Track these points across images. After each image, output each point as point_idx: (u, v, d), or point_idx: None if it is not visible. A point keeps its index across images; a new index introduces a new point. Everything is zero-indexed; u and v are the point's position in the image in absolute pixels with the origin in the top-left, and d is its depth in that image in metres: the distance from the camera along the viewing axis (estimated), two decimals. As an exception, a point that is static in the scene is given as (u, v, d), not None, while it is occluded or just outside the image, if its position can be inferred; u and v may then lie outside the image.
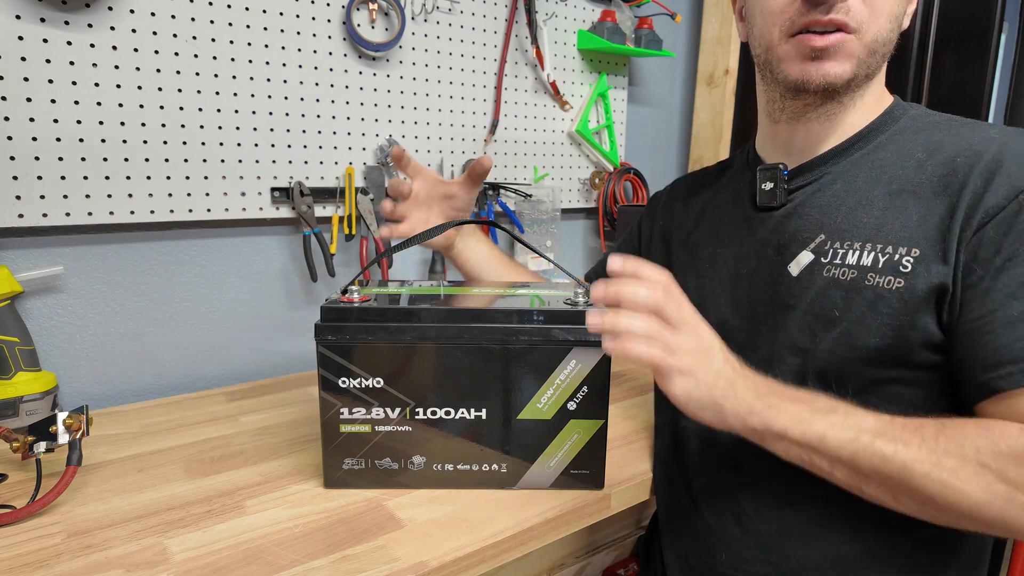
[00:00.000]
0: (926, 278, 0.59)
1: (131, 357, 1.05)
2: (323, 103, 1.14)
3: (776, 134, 0.73)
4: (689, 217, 0.85)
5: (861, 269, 0.62)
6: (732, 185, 0.80)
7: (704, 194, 0.84)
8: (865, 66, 0.64)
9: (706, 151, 1.64)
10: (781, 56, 0.66)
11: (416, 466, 0.74)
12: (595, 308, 0.63)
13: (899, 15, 0.64)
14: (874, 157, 0.67)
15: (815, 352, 0.65)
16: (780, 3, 0.64)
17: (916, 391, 0.62)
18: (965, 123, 0.65)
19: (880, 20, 0.62)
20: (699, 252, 0.80)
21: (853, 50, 0.62)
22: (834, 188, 0.68)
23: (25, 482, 0.74)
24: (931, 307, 0.59)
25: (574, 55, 1.46)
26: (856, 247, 0.63)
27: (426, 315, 0.70)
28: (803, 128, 0.70)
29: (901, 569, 0.64)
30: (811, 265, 0.66)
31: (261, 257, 1.15)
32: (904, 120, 0.68)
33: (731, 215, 0.77)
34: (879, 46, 0.63)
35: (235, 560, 0.61)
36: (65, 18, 0.90)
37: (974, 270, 0.57)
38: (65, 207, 0.94)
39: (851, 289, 0.62)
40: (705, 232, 0.81)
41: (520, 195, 1.40)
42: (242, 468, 0.79)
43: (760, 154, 0.77)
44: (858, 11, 0.61)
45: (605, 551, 0.87)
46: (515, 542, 0.67)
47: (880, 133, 0.68)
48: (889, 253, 0.61)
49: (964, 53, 1.31)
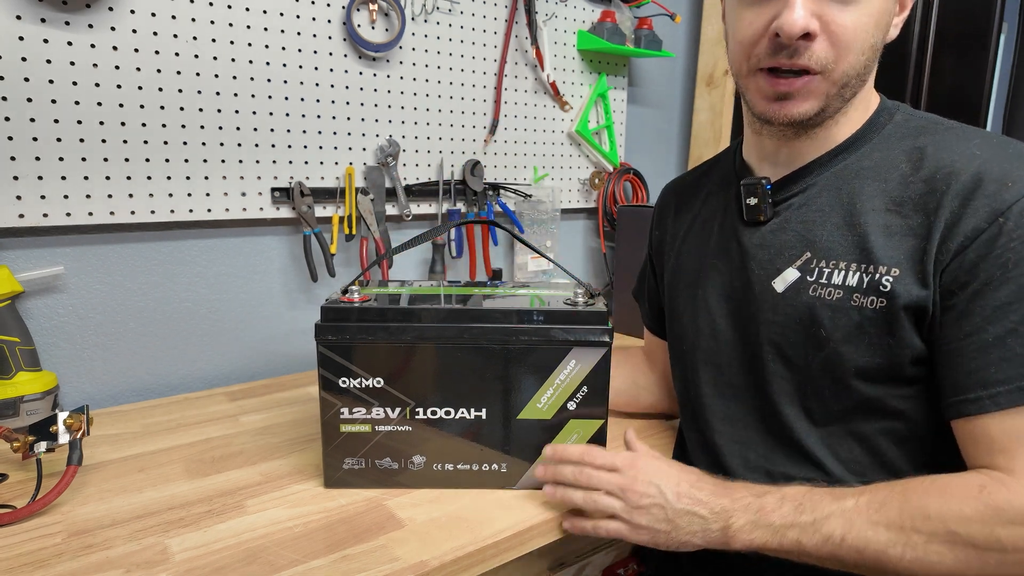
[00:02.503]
0: (906, 297, 0.59)
1: (131, 357, 1.05)
2: (323, 103, 1.14)
3: (760, 144, 0.72)
4: (680, 227, 0.84)
5: (847, 289, 0.62)
6: (720, 195, 0.79)
7: (693, 203, 0.84)
8: (838, 98, 0.63)
9: (706, 151, 1.64)
10: (748, 87, 0.66)
11: (416, 466, 0.74)
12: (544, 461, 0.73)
13: (874, 43, 0.62)
14: (858, 167, 0.66)
15: (809, 370, 0.65)
16: (749, 37, 0.63)
17: (911, 403, 0.63)
18: (949, 129, 0.64)
19: (850, 57, 0.61)
20: (690, 263, 0.80)
21: (820, 89, 0.62)
22: (819, 202, 0.67)
23: (25, 482, 0.74)
24: (912, 325, 0.60)
25: (574, 55, 1.46)
26: (842, 267, 0.63)
27: (426, 315, 0.70)
28: (786, 144, 0.69)
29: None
30: (796, 283, 0.66)
31: (261, 257, 1.15)
32: (889, 127, 0.67)
33: (720, 226, 0.76)
34: (850, 79, 0.62)
35: (235, 560, 0.61)
36: (66, 18, 0.90)
37: (954, 293, 0.57)
38: (66, 207, 0.94)
39: (837, 310, 0.63)
40: (695, 243, 0.80)
41: (520, 195, 1.40)
42: (242, 468, 0.79)
43: (746, 159, 0.76)
44: (823, 55, 0.60)
45: (605, 551, 0.87)
46: (515, 542, 0.68)
47: (865, 142, 0.67)
48: (871, 273, 0.61)
49: (964, 53, 1.31)
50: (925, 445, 0.63)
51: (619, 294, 1.43)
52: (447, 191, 1.30)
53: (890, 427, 0.64)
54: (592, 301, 0.74)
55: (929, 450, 0.63)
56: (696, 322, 0.77)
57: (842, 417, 0.65)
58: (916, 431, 0.63)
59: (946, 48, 1.33)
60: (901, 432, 0.64)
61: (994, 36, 1.27)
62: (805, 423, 0.67)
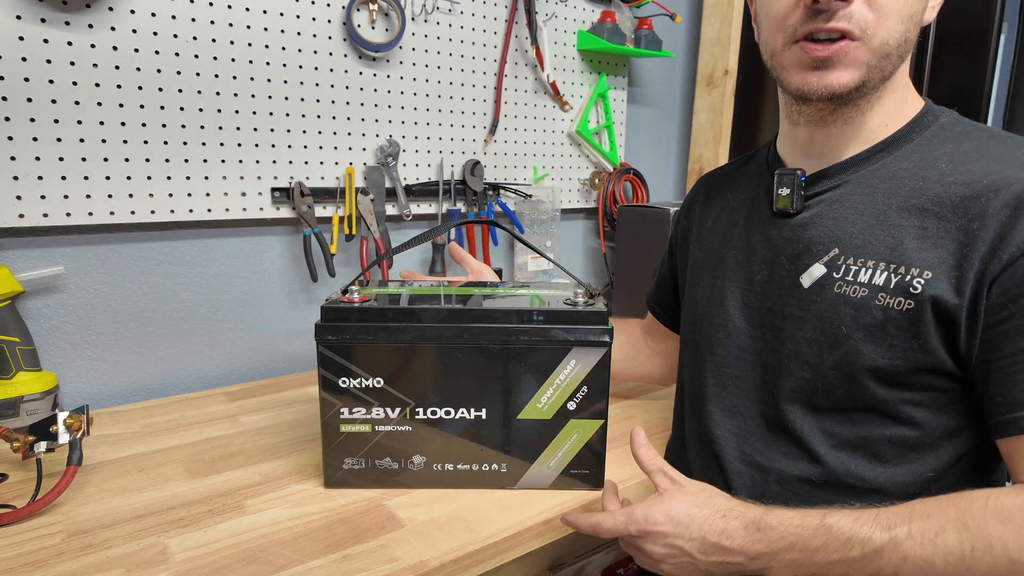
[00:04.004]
0: (935, 303, 0.57)
1: (131, 357, 1.05)
2: (323, 103, 1.14)
3: (796, 136, 0.71)
4: (708, 216, 0.83)
5: (872, 288, 0.61)
6: (751, 186, 0.78)
7: (724, 193, 0.83)
8: (877, 71, 0.61)
9: (706, 151, 1.64)
10: (783, 64, 0.64)
11: (416, 466, 0.74)
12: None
13: (913, 14, 0.60)
14: (896, 167, 0.64)
15: (823, 369, 0.64)
16: (783, 9, 0.61)
17: (922, 412, 0.62)
18: (997, 136, 0.62)
19: (888, 23, 0.59)
20: (714, 252, 0.79)
21: (860, 57, 0.60)
22: (852, 199, 0.65)
23: (25, 482, 0.74)
24: (940, 334, 0.58)
25: (574, 55, 1.46)
26: (869, 265, 0.62)
27: (426, 315, 0.70)
28: (822, 132, 0.67)
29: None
30: (823, 279, 0.65)
31: (261, 257, 1.15)
32: (932, 128, 0.65)
33: (747, 218, 0.75)
34: (891, 49, 0.60)
35: (235, 560, 0.61)
36: (66, 18, 0.90)
37: (1005, 306, 0.55)
38: (66, 207, 0.94)
39: (861, 308, 0.61)
40: (721, 232, 0.79)
41: (520, 195, 1.40)
42: (242, 468, 0.79)
43: (781, 155, 0.74)
44: (862, 17, 0.58)
45: (605, 551, 0.87)
46: (515, 542, 0.68)
47: (906, 142, 0.65)
48: (901, 273, 0.59)
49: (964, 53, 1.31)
50: (930, 455, 0.62)
51: (619, 294, 1.43)
52: (447, 191, 1.30)
53: (898, 434, 0.62)
54: (592, 301, 0.74)
55: (933, 461, 0.62)
56: (710, 312, 0.76)
57: (850, 419, 0.64)
58: (923, 440, 0.62)
59: (946, 48, 1.33)
60: (909, 440, 0.62)
61: (994, 36, 1.27)
62: (810, 422, 0.66)
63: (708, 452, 0.75)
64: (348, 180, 1.17)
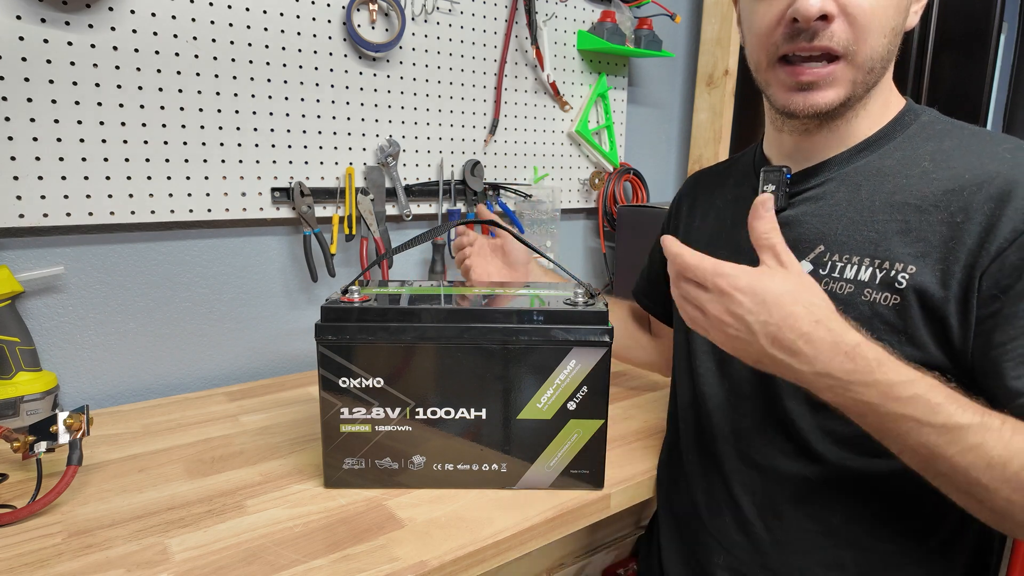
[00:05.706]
0: (921, 297, 0.58)
1: (131, 357, 1.05)
2: (323, 103, 1.14)
3: (781, 141, 0.72)
4: (694, 217, 0.85)
5: (858, 284, 0.62)
6: (737, 185, 0.79)
7: (711, 193, 0.84)
8: (862, 86, 0.62)
9: (706, 151, 1.64)
10: (769, 80, 0.65)
11: (416, 466, 0.74)
12: None
13: (895, 26, 0.61)
14: (880, 165, 0.65)
15: None
16: (765, 27, 0.62)
17: None
18: (977, 133, 0.63)
19: (871, 39, 0.60)
20: (702, 251, 0.79)
21: (845, 76, 0.61)
22: (836, 197, 0.66)
23: (25, 482, 0.74)
24: (928, 328, 0.58)
25: (574, 55, 1.46)
26: (855, 261, 0.62)
27: (426, 315, 0.70)
28: (808, 140, 0.69)
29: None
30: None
31: (261, 257, 1.15)
32: (914, 127, 0.66)
33: (733, 216, 0.77)
34: (875, 63, 0.61)
35: (235, 560, 0.61)
36: (66, 18, 0.90)
37: (997, 297, 0.55)
38: (66, 207, 0.94)
39: (847, 303, 0.62)
40: (709, 232, 0.80)
41: (520, 195, 1.40)
42: (242, 468, 0.79)
43: (767, 155, 0.76)
44: (843, 35, 0.59)
45: (605, 551, 0.87)
46: (515, 542, 0.68)
47: (888, 140, 0.66)
48: (886, 269, 0.60)
49: (964, 53, 1.31)
50: None
51: (619, 294, 1.43)
52: (447, 191, 1.30)
53: None
54: (592, 301, 0.74)
55: None
56: None
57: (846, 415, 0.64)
58: None
59: (946, 48, 1.33)
60: None
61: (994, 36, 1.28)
62: (809, 419, 0.66)
63: (705, 451, 0.75)
64: (348, 180, 1.17)
